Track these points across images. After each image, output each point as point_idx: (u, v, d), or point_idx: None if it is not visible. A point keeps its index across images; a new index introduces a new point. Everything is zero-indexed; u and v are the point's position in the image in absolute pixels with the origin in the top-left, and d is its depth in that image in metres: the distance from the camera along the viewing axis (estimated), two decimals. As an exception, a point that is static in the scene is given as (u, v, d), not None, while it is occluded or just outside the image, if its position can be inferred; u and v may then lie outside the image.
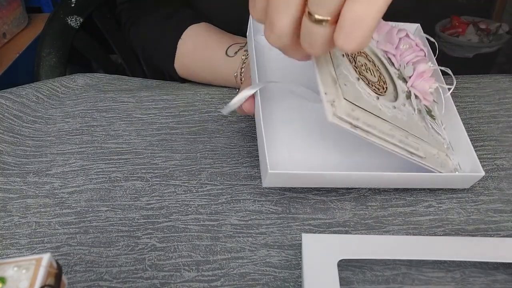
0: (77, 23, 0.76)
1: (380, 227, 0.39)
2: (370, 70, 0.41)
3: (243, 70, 0.54)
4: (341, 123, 0.34)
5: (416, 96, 0.44)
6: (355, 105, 0.34)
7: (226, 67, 0.56)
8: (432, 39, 0.49)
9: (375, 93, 0.39)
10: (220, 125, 0.53)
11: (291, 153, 0.41)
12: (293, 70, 0.48)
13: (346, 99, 0.34)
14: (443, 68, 0.46)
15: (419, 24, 0.52)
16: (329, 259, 0.33)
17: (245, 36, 0.49)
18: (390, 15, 0.37)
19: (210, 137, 0.51)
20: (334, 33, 0.28)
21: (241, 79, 0.55)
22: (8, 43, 1.26)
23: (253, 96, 0.41)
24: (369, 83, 0.39)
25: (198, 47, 0.60)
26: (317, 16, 0.28)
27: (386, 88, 0.41)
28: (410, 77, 0.45)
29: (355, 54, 0.41)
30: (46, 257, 0.27)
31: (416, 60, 0.46)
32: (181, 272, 0.36)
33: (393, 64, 0.46)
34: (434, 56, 0.48)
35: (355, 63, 0.40)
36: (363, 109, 0.35)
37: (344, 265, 0.35)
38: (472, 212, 0.40)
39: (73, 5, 0.76)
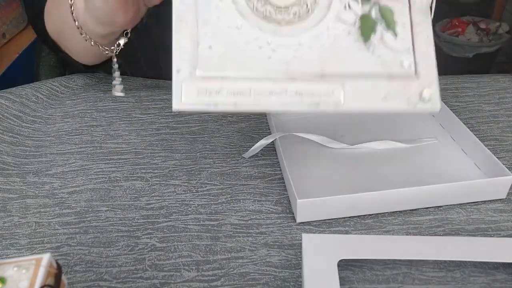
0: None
1: (380, 227, 0.39)
2: None
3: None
4: (191, 107, 0.30)
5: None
6: (218, 76, 0.30)
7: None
8: None
9: (278, 24, 0.32)
10: (220, 125, 0.53)
11: (317, 192, 0.42)
12: (308, 120, 0.52)
13: (202, 76, 0.30)
14: None
15: None
16: (329, 259, 0.33)
17: None
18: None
19: (210, 137, 0.51)
20: None
21: (71, 3, 0.49)
22: (7, 43, 1.26)
23: None
24: (274, 10, 0.32)
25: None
26: None
27: (310, 8, 0.32)
28: None
29: None
30: (46, 257, 0.27)
31: None
32: (181, 272, 0.36)
33: None
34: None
35: None
36: (232, 77, 0.31)
37: (344, 265, 0.35)
38: (472, 212, 0.40)
39: (72, 5, 0.75)
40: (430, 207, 0.41)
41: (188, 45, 0.30)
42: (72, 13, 0.49)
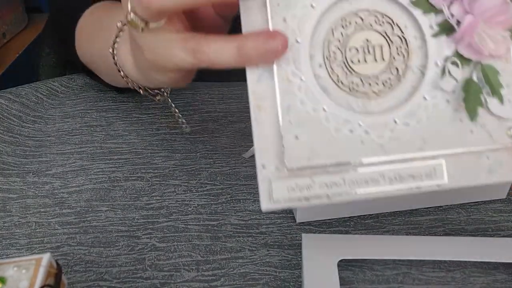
0: (77, 23, 0.76)
1: (380, 227, 0.39)
2: (374, 51, 0.28)
3: (117, 44, 0.40)
4: (282, 205, 0.28)
5: (466, 60, 0.28)
6: (308, 167, 0.27)
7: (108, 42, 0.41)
8: None
9: (366, 97, 0.28)
10: (220, 125, 0.53)
11: None
12: None
13: (290, 169, 0.27)
14: None
15: None
16: (329, 259, 0.33)
17: None
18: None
19: (210, 137, 0.51)
20: None
21: (113, 54, 0.40)
22: (8, 43, 1.26)
23: None
24: (361, 81, 0.28)
25: (94, 20, 0.52)
26: None
27: (402, 74, 0.28)
28: (459, 24, 0.26)
29: (352, 30, 0.28)
30: (46, 257, 0.27)
31: None
32: (181, 272, 0.36)
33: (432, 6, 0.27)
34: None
35: (345, 52, 0.28)
36: (323, 167, 0.27)
37: (344, 265, 0.35)
38: (472, 212, 0.40)
39: (72, 5, 0.75)
40: (430, 207, 0.41)
41: (271, 136, 0.28)
42: (116, 64, 0.40)
